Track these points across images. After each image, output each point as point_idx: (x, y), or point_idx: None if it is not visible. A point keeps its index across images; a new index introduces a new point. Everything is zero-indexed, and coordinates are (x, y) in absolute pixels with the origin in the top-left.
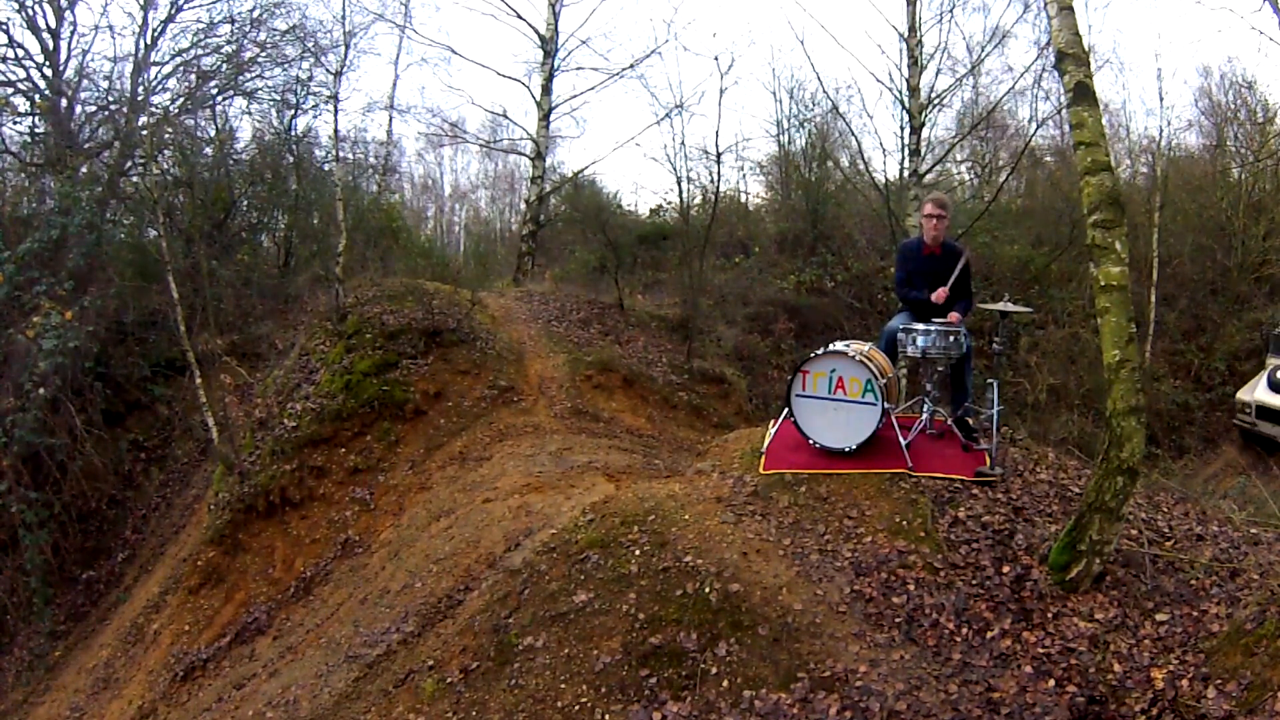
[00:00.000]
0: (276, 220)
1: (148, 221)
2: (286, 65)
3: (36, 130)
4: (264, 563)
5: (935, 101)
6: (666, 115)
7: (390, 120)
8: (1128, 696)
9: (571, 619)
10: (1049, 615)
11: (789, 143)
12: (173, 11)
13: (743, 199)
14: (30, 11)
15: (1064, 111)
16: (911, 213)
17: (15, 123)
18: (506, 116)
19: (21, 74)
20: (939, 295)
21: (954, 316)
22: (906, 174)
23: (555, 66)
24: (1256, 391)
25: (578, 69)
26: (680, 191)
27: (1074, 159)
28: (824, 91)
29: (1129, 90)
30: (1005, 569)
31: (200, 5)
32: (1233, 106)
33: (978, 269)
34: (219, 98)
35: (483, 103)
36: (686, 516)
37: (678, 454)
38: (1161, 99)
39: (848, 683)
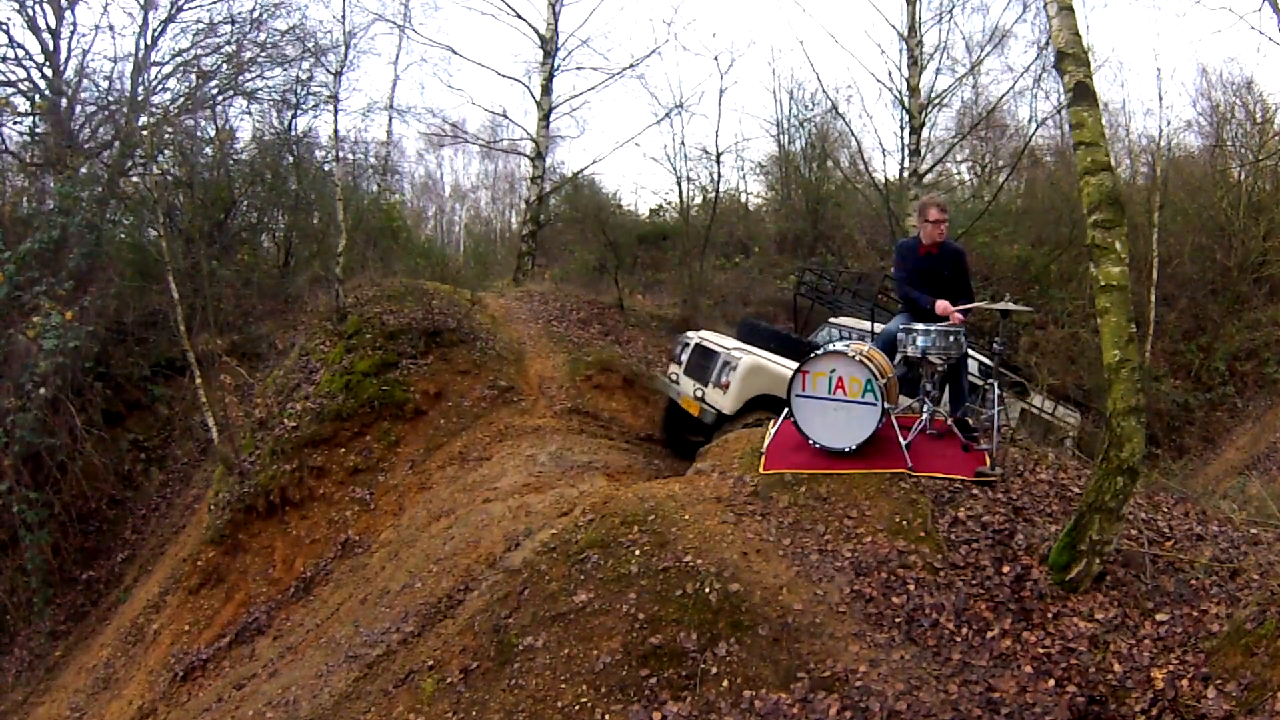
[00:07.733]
0: (276, 220)
1: (148, 221)
2: (286, 65)
3: (36, 130)
4: (264, 563)
5: (935, 101)
6: (666, 115)
7: (390, 120)
8: (1128, 696)
9: (571, 619)
10: (1049, 615)
11: (789, 143)
12: (173, 11)
13: (743, 199)
14: (30, 11)
15: (1064, 111)
16: (911, 213)
17: (15, 123)
18: (506, 116)
19: (21, 74)
20: (943, 307)
21: (957, 317)
22: (906, 174)
23: (555, 66)
24: None
25: (578, 69)
26: (680, 191)
27: (1074, 159)
28: (824, 92)
29: (1129, 90)
30: (1005, 569)
31: (200, 5)
32: (1232, 107)
33: (977, 269)
34: (219, 98)
35: (483, 103)
36: (686, 516)
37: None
38: (1161, 99)
39: (848, 683)
